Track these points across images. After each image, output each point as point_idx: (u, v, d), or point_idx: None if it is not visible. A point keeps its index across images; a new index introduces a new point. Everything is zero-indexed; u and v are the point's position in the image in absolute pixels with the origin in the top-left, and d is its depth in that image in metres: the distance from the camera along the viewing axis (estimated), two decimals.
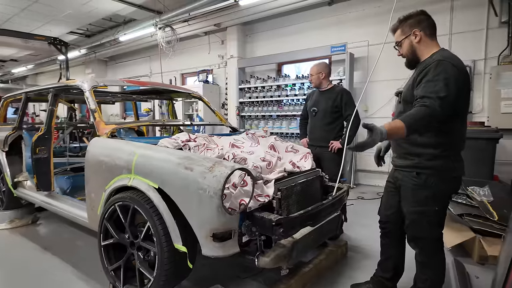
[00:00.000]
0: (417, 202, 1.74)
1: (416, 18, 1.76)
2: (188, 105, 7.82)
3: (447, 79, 1.54)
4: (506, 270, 1.42)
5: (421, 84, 1.61)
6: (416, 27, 1.75)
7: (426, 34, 1.75)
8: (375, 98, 5.39)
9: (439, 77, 1.55)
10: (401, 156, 1.83)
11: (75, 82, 2.86)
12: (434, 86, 1.54)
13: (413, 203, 1.75)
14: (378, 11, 5.34)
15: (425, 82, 1.59)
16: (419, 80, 1.64)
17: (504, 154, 4.21)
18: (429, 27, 1.75)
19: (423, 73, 1.63)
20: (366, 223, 3.57)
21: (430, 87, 1.55)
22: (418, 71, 1.69)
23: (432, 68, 1.59)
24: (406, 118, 1.52)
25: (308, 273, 2.31)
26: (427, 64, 1.65)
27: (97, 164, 2.25)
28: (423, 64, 1.69)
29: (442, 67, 1.57)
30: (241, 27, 6.97)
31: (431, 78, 1.58)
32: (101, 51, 9.20)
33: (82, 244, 3.14)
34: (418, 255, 1.85)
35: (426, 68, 1.63)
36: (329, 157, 3.15)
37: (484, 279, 2.35)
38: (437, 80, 1.55)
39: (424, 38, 1.75)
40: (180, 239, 1.73)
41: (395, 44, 1.87)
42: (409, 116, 1.53)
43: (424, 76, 1.62)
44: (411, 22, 1.77)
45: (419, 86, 1.63)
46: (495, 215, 2.65)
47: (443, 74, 1.55)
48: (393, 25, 1.86)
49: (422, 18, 1.76)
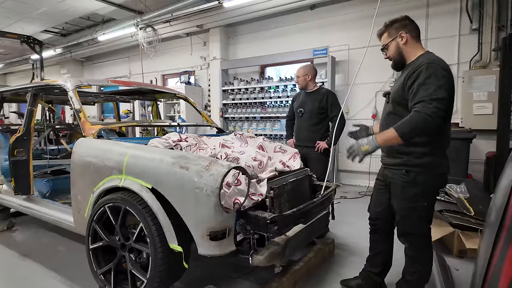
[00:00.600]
0: (406, 198, 1.81)
1: (401, 22, 1.84)
2: (170, 106, 7.72)
3: (439, 81, 1.61)
4: (486, 262, 1.52)
5: (413, 88, 1.67)
6: (402, 29, 1.82)
7: (412, 36, 1.82)
8: (355, 100, 5.56)
9: (431, 80, 1.61)
10: (391, 155, 1.90)
11: (57, 82, 2.77)
12: (427, 89, 1.60)
13: (403, 200, 1.82)
14: (358, 16, 5.51)
15: (417, 85, 1.64)
16: (410, 83, 1.70)
17: (476, 154, 4.46)
18: (414, 30, 1.83)
19: (414, 75, 1.68)
20: (350, 221, 3.68)
21: (423, 91, 1.61)
22: (408, 74, 1.74)
23: (422, 70, 1.65)
24: (400, 127, 1.61)
25: (299, 271, 2.34)
26: (416, 66, 1.71)
27: (84, 165, 2.19)
28: (411, 66, 1.76)
29: (432, 70, 1.63)
30: (224, 29, 6.98)
31: (422, 81, 1.63)
32: (77, 51, 8.90)
33: (64, 249, 3.03)
34: (408, 250, 1.92)
35: (416, 71, 1.68)
36: (315, 157, 3.22)
37: (464, 271, 2.48)
38: (429, 84, 1.61)
39: (410, 40, 1.82)
40: (175, 239, 1.72)
41: (381, 47, 1.94)
42: (404, 124, 1.60)
43: (415, 79, 1.67)
44: (397, 25, 1.84)
45: (411, 91, 1.68)
46: (472, 211, 2.80)
47: (434, 77, 1.62)
48: (379, 30, 1.93)
49: (407, 22, 1.84)
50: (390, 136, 1.63)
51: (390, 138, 1.63)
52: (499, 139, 3.77)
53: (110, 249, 2.05)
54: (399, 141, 1.63)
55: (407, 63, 1.86)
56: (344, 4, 5.64)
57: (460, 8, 4.73)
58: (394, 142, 1.64)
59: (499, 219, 1.53)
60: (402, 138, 1.62)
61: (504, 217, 1.51)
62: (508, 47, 3.63)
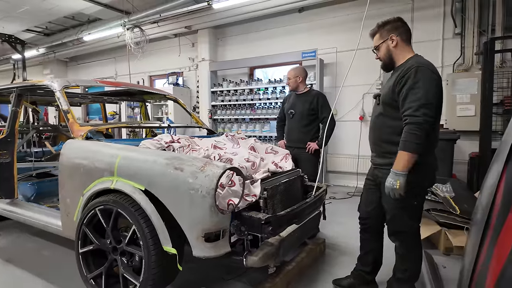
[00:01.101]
0: (397, 198, 1.82)
1: (393, 24, 1.87)
2: (157, 107, 7.63)
3: (427, 85, 1.66)
4: (473, 260, 1.57)
5: (403, 92, 1.72)
6: (393, 32, 1.86)
7: (402, 39, 1.86)
8: (343, 102, 5.64)
9: (419, 84, 1.66)
10: (381, 155, 1.94)
11: (43, 82, 2.70)
12: (416, 93, 1.66)
13: (394, 199, 1.83)
14: (345, 19, 5.60)
15: (407, 90, 1.69)
16: (400, 87, 1.74)
17: (460, 154, 4.60)
18: (405, 33, 1.87)
19: (404, 79, 1.72)
20: (340, 221, 3.72)
21: (412, 95, 1.66)
22: (397, 77, 1.78)
23: (411, 75, 1.69)
24: (406, 145, 1.65)
25: (291, 271, 2.36)
26: (405, 70, 1.74)
27: (73, 167, 2.14)
28: (401, 69, 1.79)
29: (421, 74, 1.68)
30: (212, 30, 6.96)
31: (411, 85, 1.68)
32: (61, 51, 8.69)
33: (49, 253, 2.94)
34: (398, 248, 1.96)
35: (405, 74, 1.72)
36: (306, 158, 3.25)
37: (451, 268, 2.54)
38: (418, 88, 1.66)
39: (400, 43, 1.86)
40: (169, 241, 1.70)
41: (373, 48, 1.97)
42: (407, 141, 1.65)
43: (404, 83, 1.71)
44: (389, 27, 1.87)
45: (401, 94, 1.73)
46: (457, 209, 2.89)
47: (422, 81, 1.66)
48: (372, 30, 1.96)
49: (399, 24, 1.87)
50: (405, 159, 1.67)
51: (406, 160, 1.67)
52: (481, 140, 3.90)
53: (100, 253, 2.01)
54: (414, 156, 1.67)
55: (396, 66, 1.90)
56: (332, 8, 5.72)
57: (443, 13, 4.88)
58: (412, 160, 1.68)
59: (485, 218, 1.58)
60: (416, 153, 1.67)
61: (490, 216, 1.56)
62: (489, 52, 3.76)
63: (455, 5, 4.67)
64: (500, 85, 4.30)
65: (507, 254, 1.34)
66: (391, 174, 1.72)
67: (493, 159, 1.68)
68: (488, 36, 4.43)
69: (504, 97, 4.30)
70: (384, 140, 1.89)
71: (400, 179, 1.68)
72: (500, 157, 1.57)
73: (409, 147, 1.66)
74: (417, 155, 1.68)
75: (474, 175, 4.12)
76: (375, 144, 1.98)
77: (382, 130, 1.90)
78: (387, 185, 1.73)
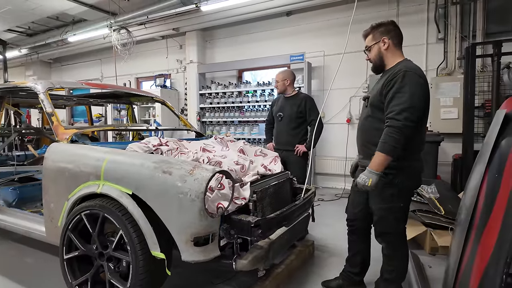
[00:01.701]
0: (384, 199, 1.87)
1: (386, 27, 1.90)
2: (144, 110, 7.53)
3: (412, 89, 1.70)
4: (458, 259, 1.60)
5: (389, 95, 1.76)
6: (386, 35, 1.88)
7: (393, 42, 1.89)
8: (331, 105, 5.70)
9: (405, 89, 1.70)
10: (368, 157, 1.93)
11: (26, 83, 2.63)
12: (401, 97, 1.70)
13: (381, 200, 1.88)
14: (332, 23, 5.68)
15: (393, 93, 1.74)
16: (387, 90, 1.78)
17: (444, 156, 4.71)
18: (396, 36, 1.90)
19: (392, 82, 1.76)
20: (329, 222, 3.75)
21: (397, 99, 1.71)
22: (386, 80, 1.81)
23: (399, 79, 1.73)
24: (383, 146, 1.70)
25: (281, 273, 2.35)
26: (393, 74, 1.78)
27: (58, 171, 2.09)
28: (389, 73, 1.83)
29: (408, 78, 1.72)
30: (200, 32, 6.94)
31: (397, 89, 1.72)
32: (45, 51, 8.49)
33: (32, 260, 2.85)
34: (385, 249, 1.99)
35: (393, 78, 1.76)
36: (294, 160, 3.27)
37: (437, 268, 2.60)
38: (404, 92, 1.70)
39: (391, 46, 1.89)
40: (157, 246, 1.67)
41: (365, 49, 2.00)
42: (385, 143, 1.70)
43: (391, 86, 1.75)
44: (382, 29, 1.90)
45: (387, 97, 1.77)
46: (442, 210, 2.96)
47: (408, 85, 1.71)
48: (365, 31, 1.98)
49: (391, 28, 1.90)
50: (380, 158, 1.72)
51: (382, 161, 1.72)
52: (464, 142, 4.02)
53: (86, 259, 1.96)
54: (389, 159, 1.72)
55: (386, 68, 1.93)
56: (319, 12, 5.80)
57: (427, 18, 5.01)
58: (386, 162, 1.72)
59: (468, 218, 1.62)
60: (391, 156, 1.71)
61: (473, 216, 1.61)
62: (470, 56, 3.88)
63: (438, 11, 4.80)
64: (481, 89, 4.44)
65: (489, 254, 1.38)
66: (366, 171, 1.76)
67: (475, 161, 1.73)
68: (469, 41, 4.58)
69: (485, 100, 4.44)
70: (372, 142, 1.89)
71: (373, 178, 1.72)
72: (482, 160, 1.62)
73: (386, 149, 1.70)
74: (391, 158, 1.71)
75: (457, 176, 4.23)
76: (364, 146, 2.00)
77: (371, 132, 1.92)
78: (359, 181, 1.76)
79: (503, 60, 3.85)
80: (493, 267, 1.30)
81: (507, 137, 1.47)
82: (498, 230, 1.33)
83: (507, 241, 1.23)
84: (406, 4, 5.15)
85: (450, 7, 4.75)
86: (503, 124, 1.50)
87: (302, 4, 5.49)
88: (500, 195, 1.39)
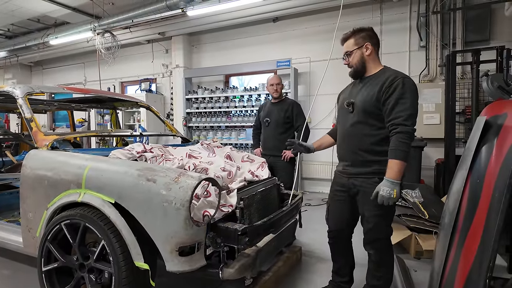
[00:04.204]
0: (379, 206, 1.78)
1: (368, 33, 1.89)
2: (129, 115, 7.40)
3: (412, 96, 1.74)
4: (442, 263, 1.63)
5: (390, 101, 1.75)
6: (369, 40, 1.87)
7: (375, 49, 1.90)
8: (317, 110, 5.75)
9: (407, 95, 1.73)
10: (358, 164, 1.91)
11: (4, 88, 2.53)
12: (404, 103, 1.72)
13: (375, 207, 1.82)
14: (318, 30, 5.76)
15: (395, 99, 1.73)
16: (387, 96, 1.76)
17: (427, 160, 4.82)
18: (377, 43, 1.91)
19: (391, 89, 1.75)
20: (316, 227, 3.74)
21: (401, 105, 1.72)
22: (382, 87, 1.78)
23: (399, 85, 1.74)
24: (398, 153, 1.70)
25: (268, 281, 2.33)
26: (390, 81, 1.77)
27: (37, 179, 2.00)
28: (383, 79, 1.80)
29: (408, 85, 1.75)
30: (187, 37, 6.90)
31: (400, 95, 1.73)
32: (25, 54, 8.24)
33: (9, 272, 2.73)
34: (373, 256, 1.97)
35: (392, 84, 1.75)
36: (281, 166, 3.27)
37: (422, 271, 2.63)
38: (406, 98, 1.72)
39: (373, 53, 1.89)
40: (141, 256, 1.63)
41: (344, 53, 1.94)
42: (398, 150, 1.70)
43: (392, 92, 1.75)
44: (364, 35, 1.88)
45: (387, 103, 1.76)
46: (426, 214, 3.01)
47: (409, 92, 1.73)
48: (345, 34, 1.94)
49: (372, 34, 1.90)
50: (398, 166, 1.70)
51: (399, 167, 1.70)
52: (446, 147, 4.12)
53: (66, 271, 1.88)
54: (405, 165, 1.72)
55: (366, 74, 1.91)
56: (305, 18, 5.86)
57: (409, 26, 5.14)
58: (403, 168, 1.72)
59: (452, 222, 1.65)
60: (406, 161, 1.72)
61: (456, 221, 1.63)
62: (451, 64, 4.00)
63: (420, 20, 4.94)
64: (461, 95, 4.58)
65: (473, 258, 1.40)
66: (386, 183, 1.70)
67: (458, 166, 1.76)
68: (450, 49, 4.72)
69: (465, 106, 4.58)
70: (364, 149, 1.87)
71: (397, 188, 1.69)
72: (464, 165, 1.65)
73: (402, 155, 1.69)
74: (406, 163, 1.72)
75: (440, 180, 4.32)
76: (353, 153, 1.93)
77: (362, 139, 1.88)
78: (383, 194, 1.69)
79: (481, 67, 3.98)
80: (476, 271, 1.32)
81: (488, 143, 1.52)
82: (481, 234, 1.36)
83: (490, 245, 1.26)
84: (389, 12, 5.28)
85: (431, 16, 4.89)
86: (483, 131, 1.54)
87: (288, 11, 5.54)
88: (482, 200, 1.42)
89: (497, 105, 1.64)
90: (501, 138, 1.39)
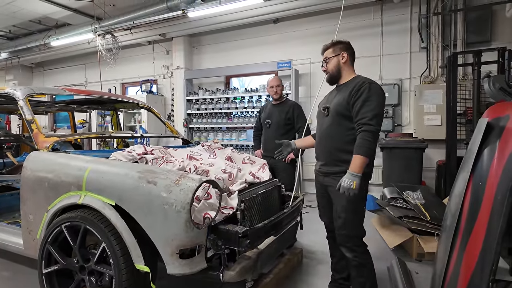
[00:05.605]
0: (350, 202, 1.92)
1: (345, 45, 2.09)
2: (130, 116, 7.41)
3: (378, 99, 1.90)
4: (444, 265, 1.62)
5: (357, 103, 1.91)
6: (345, 51, 2.07)
7: (350, 59, 2.08)
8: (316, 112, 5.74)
9: (373, 98, 1.89)
10: (333, 163, 2.03)
11: (5, 89, 2.53)
12: (369, 105, 1.88)
13: (347, 203, 1.93)
14: (318, 31, 5.76)
15: (362, 101, 1.90)
16: (355, 99, 1.92)
17: (428, 161, 4.80)
18: (352, 55, 2.11)
19: (359, 92, 1.92)
20: (316, 229, 3.71)
21: (367, 107, 1.88)
22: (352, 91, 1.95)
23: (366, 89, 1.91)
24: (361, 149, 1.83)
25: (269, 283, 2.32)
26: (359, 85, 1.94)
27: (37, 181, 2.00)
28: (352, 85, 1.97)
29: (374, 89, 1.92)
30: (187, 38, 6.91)
31: (366, 98, 1.89)
32: (26, 56, 8.27)
33: (10, 274, 2.72)
34: (353, 258, 2.00)
35: (360, 89, 1.92)
36: (282, 168, 3.26)
37: (423, 274, 2.62)
38: (372, 100, 1.89)
39: (348, 62, 2.07)
40: (142, 258, 1.62)
41: (323, 59, 2.12)
42: (362, 146, 1.84)
43: (359, 95, 1.92)
44: (341, 46, 2.08)
45: (355, 105, 1.92)
46: (428, 216, 2.99)
47: (375, 95, 1.90)
48: (325, 45, 2.14)
49: (349, 46, 2.10)
50: (360, 161, 1.84)
51: (361, 162, 1.84)
52: (447, 148, 4.10)
53: (66, 273, 1.88)
54: (367, 161, 1.86)
55: (341, 81, 2.08)
56: (306, 20, 5.86)
57: (410, 28, 5.14)
58: (365, 164, 1.86)
59: (454, 225, 1.64)
60: (369, 157, 1.86)
61: (458, 223, 1.63)
62: (452, 65, 3.99)
63: (420, 21, 4.93)
64: (463, 97, 4.56)
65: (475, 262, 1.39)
66: (348, 175, 1.84)
67: (459, 169, 1.76)
68: (450, 50, 4.71)
69: (467, 107, 4.57)
70: (338, 149, 2.01)
71: (357, 180, 1.81)
72: (466, 167, 1.64)
73: (365, 151, 1.83)
74: (368, 160, 1.86)
75: (441, 182, 4.31)
76: (329, 153, 2.07)
77: (336, 140, 2.02)
78: (344, 185, 1.83)
79: (483, 69, 3.97)
80: (478, 273, 1.31)
81: (490, 145, 1.51)
82: (483, 237, 1.35)
83: (492, 248, 1.25)
84: (390, 13, 5.27)
85: (432, 18, 4.88)
86: (485, 133, 1.54)
87: (289, 12, 5.55)
88: (484, 203, 1.42)
89: (499, 107, 1.64)
90: (503, 140, 1.39)
